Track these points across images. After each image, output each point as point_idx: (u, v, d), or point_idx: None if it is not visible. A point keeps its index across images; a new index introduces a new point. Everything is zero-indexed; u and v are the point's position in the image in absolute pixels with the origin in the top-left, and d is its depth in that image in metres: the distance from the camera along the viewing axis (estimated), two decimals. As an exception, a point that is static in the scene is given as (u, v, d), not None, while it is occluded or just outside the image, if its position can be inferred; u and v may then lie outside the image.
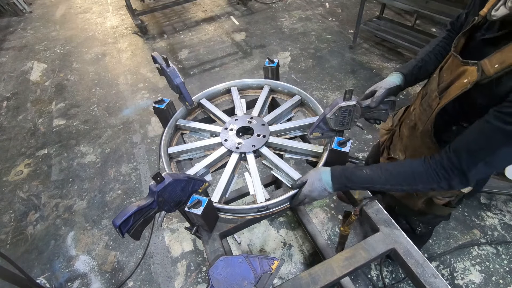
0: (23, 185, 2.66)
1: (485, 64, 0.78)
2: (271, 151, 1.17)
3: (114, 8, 5.31)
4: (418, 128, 1.13)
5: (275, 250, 2.10)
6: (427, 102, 1.06)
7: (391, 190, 0.93)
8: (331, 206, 2.30)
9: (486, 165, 0.80)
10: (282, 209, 1.04)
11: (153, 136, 2.97)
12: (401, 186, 0.90)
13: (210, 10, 4.96)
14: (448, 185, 0.85)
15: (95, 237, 2.26)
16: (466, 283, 1.85)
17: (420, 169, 0.87)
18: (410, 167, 0.89)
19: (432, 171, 0.85)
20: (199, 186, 0.97)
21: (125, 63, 3.98)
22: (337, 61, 3.64)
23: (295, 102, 1.34)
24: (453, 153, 0.83)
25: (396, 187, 0.91)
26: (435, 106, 0.99)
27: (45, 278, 2.07)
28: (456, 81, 0.90)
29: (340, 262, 0.92)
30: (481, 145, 0.79)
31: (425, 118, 1.06)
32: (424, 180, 0.87)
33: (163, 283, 1.98)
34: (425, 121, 1.06)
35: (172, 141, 1.29)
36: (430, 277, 0.87)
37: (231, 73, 3.63)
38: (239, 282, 0.80)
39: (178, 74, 1.19)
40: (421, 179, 0.87)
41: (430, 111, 1.02)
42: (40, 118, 3.32)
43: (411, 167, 0.89)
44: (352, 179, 0.93)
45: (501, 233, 2.05)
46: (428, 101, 1.05)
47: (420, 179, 0.87)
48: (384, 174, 0.91)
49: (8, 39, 4.78)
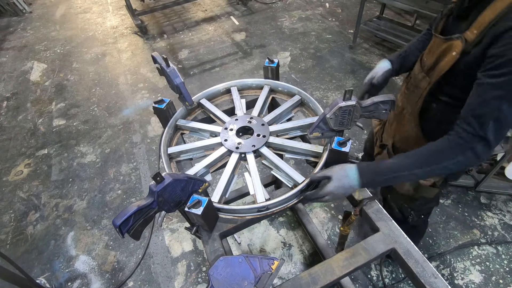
0: (23, 185, 2.66)
1: (467, 35, 0.90)
2: (271, 151, 1.17)
3: (114, 8, 5.31)
4: (406, 111, 1.20)
5: (275, 250, 2.10)
6: (414, 84, 1.15)
7: (420, 176, 0.92)
8: (331, 206, 2.30)
9: (498, 123, 0.83)
10: (282, 209, 1.04)
11: (153, 136, 2.97)
12: (429, 167, 0.90)
13: (210, 10, 4.96)
14: (474, 154, 0.86)
15: (95, 237, 2.26)
16: (466, 283, 1.85)
17: (443, 145, 0.90)
18: (435, 146, 0.91)
19: (455, 145, 0.88)
20: (199, 186, 0.97)
21: (125, 63, 3.98)
22: (337, 61, 3.64)
23: (295, 102, 1.34)
24: (465, 123, 0.87)
25: (424, 169, 0.90)
26: (425, 85, 1.08)
27: (45, 278, 2.07)
28: (442, 58, 0.99)
29: (340, 262, 0.92)
30: (484, 106, 0.84)
31: (415, 99, 1.13)
32: (450, 155, 0.88)
33: (163, 283, 1.98)
34: (415, 101, 1.13)
35: (172, 141, 1.29)
36: (430, 277, 0.87)
37: (231, 73, 3.63)
38: (239, 282, 0.80)
39: (178, 74, 1.19)
40: (447, 155, 0.88)
41: (420, 91, 1.10)
42: (40, 118, 3.32)
43: (435, 145, 0.91)
44: (380, 171, 0.92)
45: (501, 233, 2.05)
46: (415, 83, 1.13)
47: (446, 155, 0.89)
48: (410, 158, 0.92)
49: (8, 39, 4.78)
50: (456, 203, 2.23)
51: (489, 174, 2.07)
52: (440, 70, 1.00)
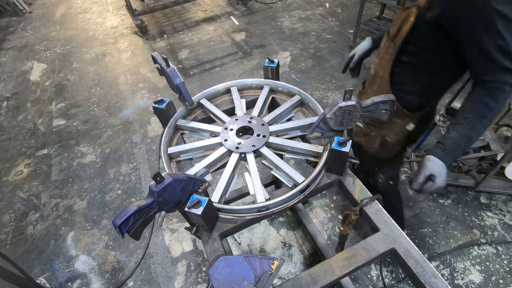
0: (23, 185, 2.66)
1: (419, 2, 1.07)
2: (271, 151, 1.17)
3: (114, 8, 5.31)
4: (378, 76, 1.36)
5: (275, 250, 2.10)
6: (383, 52, 1.32)
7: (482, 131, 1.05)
8: (331, 206, 2.30)
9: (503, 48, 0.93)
10: (282, 209, 1.04)
11: (153, 136, 2.97)
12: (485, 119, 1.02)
13: (210, 10, 4.96)
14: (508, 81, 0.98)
15: (95, 237, 2.26)
16: (466, 283, 1.85)
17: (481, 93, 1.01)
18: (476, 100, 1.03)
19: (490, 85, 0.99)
20: (199, 186, 0.97)
21: (125, 63, 3.98)
22: (337, 61, 3.64)
23: (295, 102, 1.34)
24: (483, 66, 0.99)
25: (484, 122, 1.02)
26: (391, 51, 1.24)
27: (45, 278, 2.07)
28: (403, 25, 1.15)
29: (340, 262, 0.92)
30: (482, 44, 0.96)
31: (384, 64, 1.30)
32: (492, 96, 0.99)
33: (163, 283, 1.98)
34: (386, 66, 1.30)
35: (172, 141, 1.29)
36: (430, 277, 0.87)
37: (231, 73, 3.64)
38: (239, 282, 0.80)
39: (178, 74, 1.19)
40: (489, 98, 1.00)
41: (389, 56, 1.26)
42: (40, 118, 3.32)
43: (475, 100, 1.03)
44: (453, 147, 1.04)
45: (501, 233, 2.05)
46: (384, 51, 1.30)
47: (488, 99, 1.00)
48: (466, 122, 1.03)
49: (8, 39, 4.78)
50: (456, 203, 2.23)
51: (489, 174, 2.07)
52: (402, 36, 1.16)
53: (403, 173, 2.44)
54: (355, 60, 1.58)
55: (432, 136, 2.45)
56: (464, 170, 2.22)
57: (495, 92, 0.99)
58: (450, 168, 1.05)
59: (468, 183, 2.25)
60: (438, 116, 2.03)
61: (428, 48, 1.13)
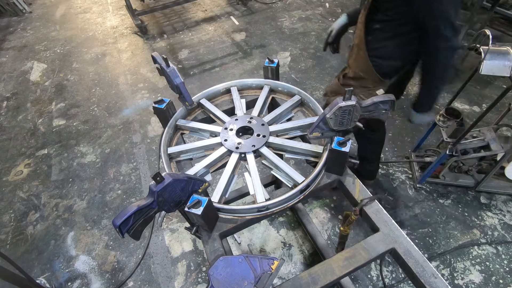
0: (23, 185, 2.66)
1: None
2: (271, 151, 1.17)
3: (114, 8, 5.31)
4: (355, 45, 1.57)
5: (275, 250, 2.10)
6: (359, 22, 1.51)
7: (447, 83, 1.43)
8: (331, 206, 2.30)
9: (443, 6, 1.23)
10: (282, 209, 1.04)
11: (153, 136, 2.97)
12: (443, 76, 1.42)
13: (210, 10, 4.96)
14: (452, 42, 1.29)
15: (95, 237, 2.26)
16: (466, 283, 1.85)
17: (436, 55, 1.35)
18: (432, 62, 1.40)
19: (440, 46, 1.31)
20: (199, 186, 0.97)
21: (125, 63, 3.98)
22: (337, 61, 3.64)
23: (295, 102, 1.34)
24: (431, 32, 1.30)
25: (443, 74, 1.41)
26: (362, 19, 1.47)
27: (45, 278, 2.07)
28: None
29: (340, 262, 0.92)
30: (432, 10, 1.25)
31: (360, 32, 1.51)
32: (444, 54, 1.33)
33: (163, 283, 1.98)
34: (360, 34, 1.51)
35: (172, 141, 1.29)
36: (430, 277, 0.87)
37: (231, 73, 3.64)
38: (239, 282, 0.80)
39: (178, 74, 1.19)
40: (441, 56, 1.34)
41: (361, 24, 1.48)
42: (40, 118, 3.32)
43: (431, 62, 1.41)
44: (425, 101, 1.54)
45: (501, 233, 2.06)
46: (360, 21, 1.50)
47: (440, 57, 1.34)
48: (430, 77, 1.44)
49: (8, 39, 4.78)
50: (456, 203, 2.23)
51: (489, 174, 2.07)
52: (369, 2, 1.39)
53: (403, 173, 2.44)
54: (333, 35, 1.73)
55: (432, 136, 2.45)
56: (464, 170, 2.22)
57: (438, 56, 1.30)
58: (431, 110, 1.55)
59: (468, 183, 2.25)
60: (438, 116, 2.03)
61: (392, 15, 1.38)
